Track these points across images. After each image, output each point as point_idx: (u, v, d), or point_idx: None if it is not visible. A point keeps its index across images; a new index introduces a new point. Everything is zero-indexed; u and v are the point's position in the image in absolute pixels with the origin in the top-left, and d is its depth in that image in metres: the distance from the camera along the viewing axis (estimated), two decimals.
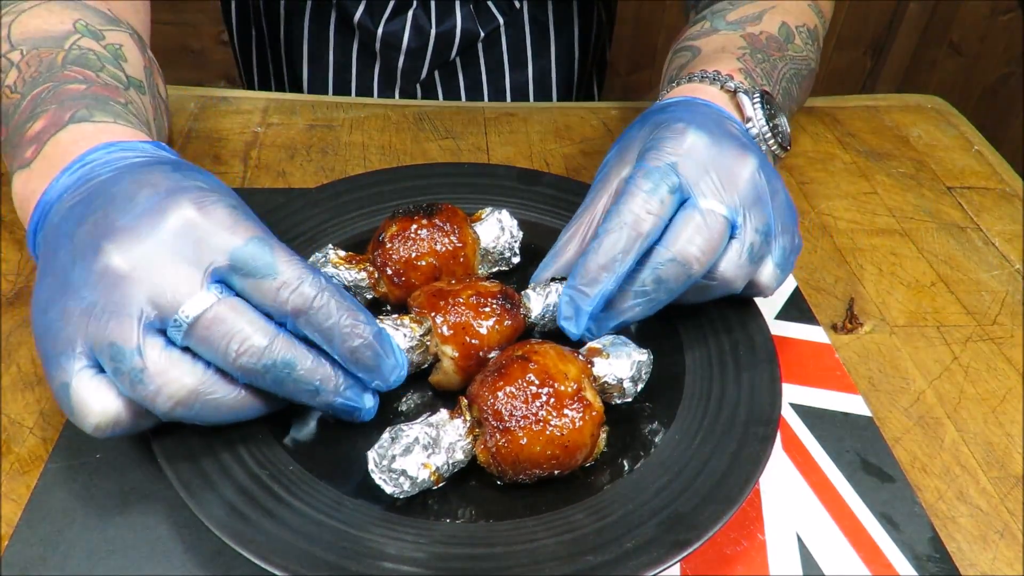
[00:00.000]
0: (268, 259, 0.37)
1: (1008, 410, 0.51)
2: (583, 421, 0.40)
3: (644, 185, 0.44)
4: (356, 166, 0.68)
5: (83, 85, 0.46)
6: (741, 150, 0.46)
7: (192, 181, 0.39)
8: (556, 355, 0.42)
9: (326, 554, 0.36)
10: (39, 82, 0.46)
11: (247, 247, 0.37)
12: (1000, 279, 0.62)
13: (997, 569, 0.42)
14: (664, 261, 0.44)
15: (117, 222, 0.37)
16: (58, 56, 0.47)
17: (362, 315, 0.39)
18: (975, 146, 0.78)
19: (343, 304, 0.38)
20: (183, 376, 0.36)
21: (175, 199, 0.38)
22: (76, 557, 0.39)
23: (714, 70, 0.55)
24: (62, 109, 0.44)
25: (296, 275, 0.37)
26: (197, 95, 0.76)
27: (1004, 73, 1.90)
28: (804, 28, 0.64)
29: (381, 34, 0.82)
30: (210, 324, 0.36)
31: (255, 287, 0.37)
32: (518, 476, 0.40)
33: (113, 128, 0.44)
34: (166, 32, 1.80)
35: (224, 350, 0.36)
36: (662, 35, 1.86)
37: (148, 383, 0.36)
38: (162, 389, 0.36)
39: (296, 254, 0.38)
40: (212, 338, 0.36)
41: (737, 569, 0.41)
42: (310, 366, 0.38)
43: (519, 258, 0.54)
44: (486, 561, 0.37)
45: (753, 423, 0.43)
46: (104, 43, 0.50)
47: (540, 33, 0.87)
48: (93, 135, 0.43)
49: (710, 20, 0.64)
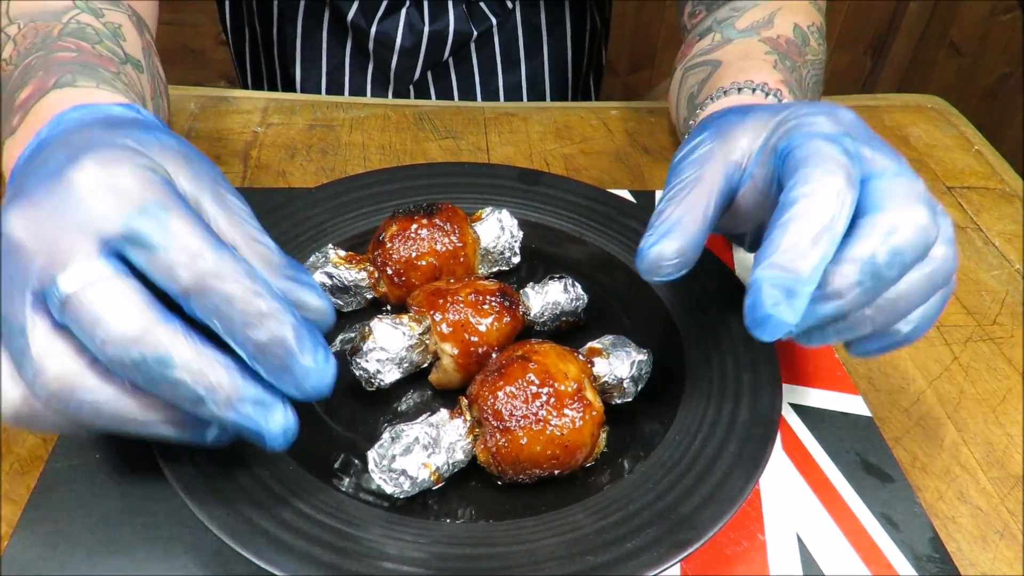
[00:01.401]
0: (163, 226, 0.31)
1: (1008, 410, 0.51)
2: (583, 421, 0.40)
3: (829, 148, 0.35)
4: (356, 166, 0.68)
5: (74, 53, 0.44)
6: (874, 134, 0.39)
7: (119, 139, 0.34)
8: (556, 355, 0.42)
9: (326, 554, 0.36)
10: (31, 52, 0.45)
11: (142, 213, 0.31)
12: (1000, 279, 0.62)
13: (997, 569, 0.42)
14: (891, 228, 0.34)
15: (25, 185, 0.33)
16: (54, 28, 0.46)
17: (275, 300, 0.32)
18: (975, 146, 0.78)
19: (250, 283, 0.31)
20: (59, 360, 0.31)
21: (80, 159, 0.33)
22: (76, 557, 0.38)
23: (762, 81, 0.49)
24: (48, 75, 0.43)
25: (194, 245, 0.31)
26: (197, 95, 0.76)
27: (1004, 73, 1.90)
28: (814, 27, 0.62)
29: (374, 33, 0.82)
30: (82, 302, 0.31)
31: (149, 261, 0.32)
32: (518, 476, 0.40)
33: (92, 92, 0.41)
34: (166, 32, 1.80)
35: (91, 335, 0.31)
36: (662, 35, 1.86)
37: (27, 367, 0.31)
38: (38, 375, 0.31)
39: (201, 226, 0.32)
40: (82, 319, 0.31)
41: (737, 569, 0.41)
42: (193, 366, 0.31)
43: (519, 258, 0.54)
44: (486, 561, 0.37)
45: (753, 423, 0.43)
46: (103, 20, 0.49)
47: (532, 34, 0.88)
48: (70, 99, 0.40)
49: (719, 31, 0.62)
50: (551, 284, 0.49)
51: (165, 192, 0.33)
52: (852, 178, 0.35)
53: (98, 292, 0.31)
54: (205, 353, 0.31)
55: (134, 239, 0.31)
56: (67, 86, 0.42)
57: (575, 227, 0.57)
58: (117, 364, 0.31)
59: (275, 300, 0.32)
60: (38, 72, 0.43)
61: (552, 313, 0.48)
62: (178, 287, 0.31)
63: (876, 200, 0.35)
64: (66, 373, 0.31)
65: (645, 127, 0.76)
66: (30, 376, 0.31)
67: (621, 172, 0.70)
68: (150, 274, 0.32)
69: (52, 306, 0.31)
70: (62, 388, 0.31)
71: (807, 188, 0.34)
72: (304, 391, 0.33)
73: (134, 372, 0.31)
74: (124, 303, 0.31)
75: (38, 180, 0.33)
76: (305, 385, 0.33)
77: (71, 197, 0.32)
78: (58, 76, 0.42)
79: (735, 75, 0.54)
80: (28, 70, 0.44)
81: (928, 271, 0.37)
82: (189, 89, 0.76)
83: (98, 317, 0.30)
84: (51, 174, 0.33)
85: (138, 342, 0.30)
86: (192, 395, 0.31)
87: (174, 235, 0.31)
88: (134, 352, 0.31)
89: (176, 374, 0.31)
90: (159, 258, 0.31)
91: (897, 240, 0.34)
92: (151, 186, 0.32)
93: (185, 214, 0.32)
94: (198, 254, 0.31)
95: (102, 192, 0.32)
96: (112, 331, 0.30)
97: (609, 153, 0.72)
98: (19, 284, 0.32)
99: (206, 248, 0.32)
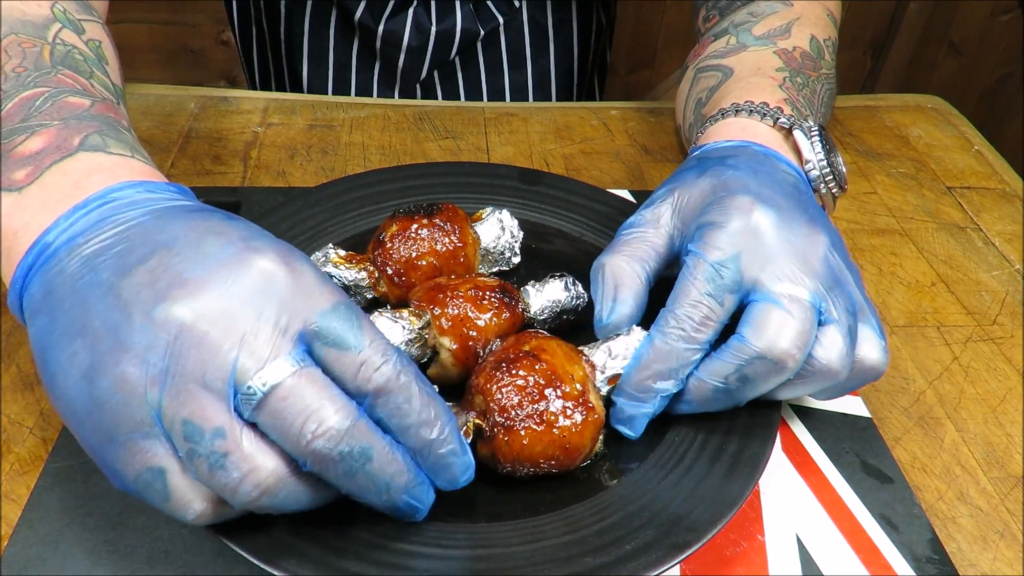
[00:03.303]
0: (355, 329, 0.32)
1: (1008, 410, 0.51)
2: (585, 425, 0.40)
3: (704, 286, 0.40)
4: (356, 166, 0.68)
5: (86, 100, 0.40)
6: (811, 227, 0.43)
7: (262, 233, 0.35)
8: (564, 355, 0.42)
9: (326, 554, 0.36)
10: (27, 82, 0.40)
11: (335, 312, 0.32)
12: (1000, 279, 0.62)
13: (997, 569, 0.42)
14: (750, 358, 0.39)
15: (185, 273, 0.31)
16: (43, 51, 0.42)
17: (440, 405, 0.34)
18: (975, 146, 0.78)
19: (423, 389, 0.34)
20: (271, 459, 0.31)
21: (255, 251, 0.33)
22: (76, 557, 0.38)
23: (761, 102, 0.51)
24: (68, 130, 0.38)
25: (381, 350, 0.33)
26: (197, 95, 0.75)
27: (1004, 73, 1.90)
28: (830, 41, 0.62)
29: (382, 32, 0.83)
30: (287, 396, 0.31)
31: (337, 359, 0.32)
32: (515, 471, 0.40)
33: (131, 163, 0.38)
34: (166, 32, 1.80)
35: (299, 429, 0.31)
36: (662, 35, 1.86)
37: (231, 469, 0.30)
38: (248, 476, 0.31)
39: (379, 329, 0.34)
40: (287, 413, 0.31)
41: (737, 570, 0.41)
42: (387, 458, 0.33)
43: (519, 258, 0.54)
44: (486, 562, 0.37)
45: (753, 424, 0.43)
46: (85, 38, 0.46)
47: (539, 34, 0.88)
48: (110, 169, 0.37)
49: (735, 35, 0.62)
50: (551, 282, 0.49)
51: (342, 291, 0.34)
52: (717, 318, 0.40)
53: (303, 385, 0.31)
54: (392, 447, 0.33)
55: (327, 336, 0.32)
56: (99, 151, 0.37)
57: (575, 227, 0.57)
58: (321, 457, 0.31)
59: (439, 402, 0.34)
60: (50, 120, 0.38)
61: (552, 312, 0.48)
62: (369, 388, 0.32)
63: (744, 325, 0.40)
64: (277, 471, 0.31)
65: (645, 127, 0.76)
66: (235, 477, 0.31)
67: (621, 172, 0.70)
68: (336, 372, 0.32)
69: (244, 403, 0.31)
70: (276, 485, 0.31)
71: (667, 327, 0.41)
72: (456, 484, 0.36)
73: (335, 464, 0.32)
74: (329, 396, 0.31)
75: (206, 269, 0.32)
76: (460, 480, 0.36)
77: (259, 290, 0.32)
78: (83, 135, 0.38)
79: (740, 93, 0.54)
80: (31, 109, 0.39)
81: (806, 379, 0.42)
82: (189, 89, 0.76)
83: (308, 409, 0.31)
84: (224, 263, 0.32)
85: (348, 436, 0.31)
86: (382, 483, 0.33)
87: (366, 336, 0.33)
88: (343, 446, 0.31)
89: (373, 467, 0.32)
90: (348, 357, 0.32)
91: (748, 371, 0.40)
92: (331, 286, 0.34)
93: (367, 317, 0.34)
94: (387, 356, 0.33)
95: (293, 286, 0.32)
96: (324, 425, 0.31)
97: (609, 153, 0.72)
98: (208, 381, 0.30)
99: (390, 351, 0.33)
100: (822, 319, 0.41)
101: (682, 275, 0.42)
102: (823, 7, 0.64)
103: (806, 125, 0.50)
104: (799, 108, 0.53)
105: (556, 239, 0.57)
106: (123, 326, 0.31)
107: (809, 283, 0.41)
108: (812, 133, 0.50)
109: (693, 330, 0.40)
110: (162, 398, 0.30)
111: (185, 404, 0.30)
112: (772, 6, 0.63)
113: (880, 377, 0.44)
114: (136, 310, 0.31)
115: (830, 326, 0.41)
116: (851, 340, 0.41)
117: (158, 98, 0.74)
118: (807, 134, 0.50)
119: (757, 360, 0.39)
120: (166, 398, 0.30)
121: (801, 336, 0.40)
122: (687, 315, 0.40)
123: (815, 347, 0.41)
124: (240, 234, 0.34)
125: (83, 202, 0.35)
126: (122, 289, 0.32)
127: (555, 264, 0.55)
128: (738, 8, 0.65)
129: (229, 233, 0.33)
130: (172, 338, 0.30)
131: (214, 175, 0.65)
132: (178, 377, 0.30)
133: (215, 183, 0.64)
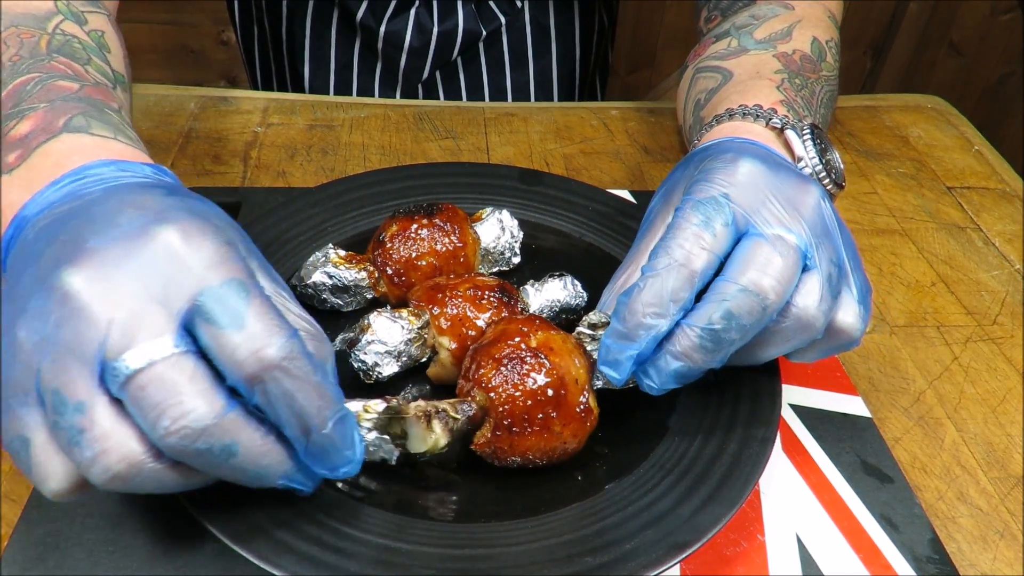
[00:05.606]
0: (238, 306, 0.30)
1: (1008, 410, 0.51)
2: (583, 428, 0.41)
3: (693, 218, 0.40)
4: (356, 166, 0.68)
5: (75, 84, 0.41)
6: (800, 180, 0.43)
7: (190, 208, 0.33)
8: (567, 352, 0.41)
9: (326, 554, 0.36)
10: (21, 69, 0.41)
11: (222, 289, 0.31)
12: (1000, 279, 0.62)
13: (997, 569, 0.42)
14: (734, 292, 0.38)
15: (87, 243, 0.31)
16: (41, 40, 0.43)
17: (330, 393, 0.32)
18: (975, 146, 0.78)
19: (311, 379, 0.32)
20: (124, 444, 0.30)
21: (161, 223, 0.31)
22: (76, 557, 0.38)
23: (755, 104, 0.51)
24: (54, 112, 0.39)
25: (264, 331, 0.30)
26: (197, 95, 0.76)
27: (1004, 73, 1.90)
28: (832, 42, 0.62)
29: (383, 33, 0.83)
30: (146, 385, 0.29)
31: (215, 339, 0.30)
32: (506, 463, 0.41)
33: (112, 144, 0.39)
34: (166, 32, 1.80)
35: (153, 422, 0.29)
36: (662, 35, 1.86)
37: (85, 447, 0.29)
38: (99, 457, 0.29)
39: (275, 309, 0.32)
40: (143, 403, 0.29)
41: (737, 570, 0.41)
42: (258, 450, 0.31)
43: (519, 258, 0.54)
44: (485, 561, 0.37)
45: (753, 424, 0.43)
46: (87, 28, 0.46)
47: (541, 34, 0.88)
48: (91, 149, 0.38)
49: (736, 38, 0.62)
50: (550, 282, 0.49)
51: (246, 270, 0.32)
52: (710, 248, 0.39)
53: (164, 375, 0.29)
54: (264, 439, 0.32)
55: (206, 314, 0.30)
56: (81, 132, 0.38)
57: (575, 227, 0.57)
58: (177, 452, 0.30)
59: (330, 391, 0.32)
60: (38, 103, 0.39)
61: (551, 311, 0.49)
62: (242, 372, 0.30)
63: (729, 265, 0.39)
64: (131, 456, 0.30)
65: (645, 127, 0.76)
66: (88, 456, 0.29)
67: (621, 172, 0.70)
68: (212, 353, 0.31)
69: (111, 380, 0.29)
70: (128, 471, 0.30)
71: (658, 261, 0.39)
72: (336, 475, 0.34)
73: (195, 459, 0.30)
74: (193, 389, 0.30)
75: (108, 240, 0.31)
76: (339, 471, 0.34)
77: (154, 263, 0.31)
78: (67, 116, 0.39)
79: (736, 97, 0.54)
80: (22, 94, 0.40)
81: (783, 327, 0.40)
82: (189, 89, 0.76)
83: (163, 403, 0.29)
84: (127, 235, 0.31)
85: (205, 434, 0.30)
86: (251, 477, 0.32)
87: (249, 314, 0.31)
88: (200, 444, 0.30)
89: (238, 462, 0.31)
90: (225, 336, 0.30)
91: (731, 305, 0.38)
92: (235, 263, 0.32)
93: (263, 296, 0.32)
94: (270, 338, 0.31)
95: (188, 260, 0.31)
96: (180, 423, 0.29)
97: (609, 153, 0.72)
98: (80, 354, 0.29)
99: (278, 333, 0.31)
100: (806, 264, 0.40)
101: (674, 216, 0.41)
102: (824, 8, 0.64)
103: (799, 125, 0.51)
104: (796, 109, 0.53)
105: (556, 239, 0.57)
106: (28, 294, 0.31)
107: (798, 228, 0.40)
108: (804, 132, 0.50)
109: (684, 259, 0.39)
110: (42, 365, 0.30)
111: (58, 374, 0.29)
112: (773, 9, 0.63)
113: (857, 345, 0.43)
114: (39, 277, 0.31)
115: (811, 273, 0.40)
116: (831, 290, 0.41)
117: (158, 98, 0.75)
118: (799, 133, 0.50)
119: (740, 294, 0.38)
120: (45, 365, 0.29)
121: (785, 272, 0.39)
122: (679, 245, 0.39)
123: (794, 293, 0.40)
124: (159, 206, 0.33)
125: (58, 179, 0.36)
126: (41, 256, 0.32)
127: (555, 264, 0.55)
128: (740, 10, 0.65)
129: (149, 206, 0.33)
130: (57, 306, 0.30)
131: (214, 175, 0.65)
132: (57, 345, 0.29)
133: (215, 183, 0.64)
